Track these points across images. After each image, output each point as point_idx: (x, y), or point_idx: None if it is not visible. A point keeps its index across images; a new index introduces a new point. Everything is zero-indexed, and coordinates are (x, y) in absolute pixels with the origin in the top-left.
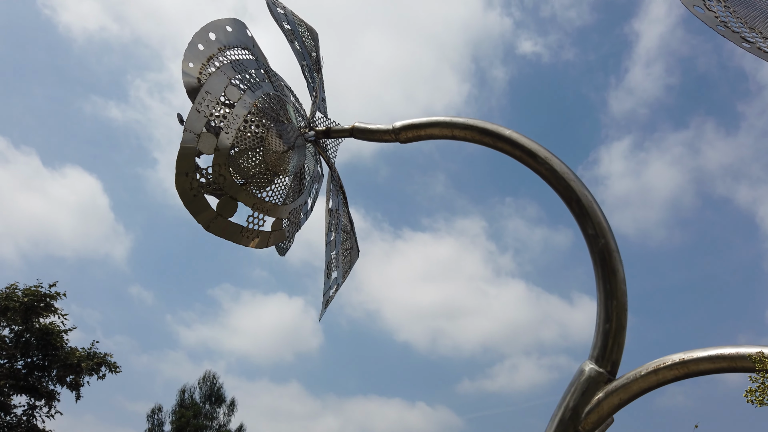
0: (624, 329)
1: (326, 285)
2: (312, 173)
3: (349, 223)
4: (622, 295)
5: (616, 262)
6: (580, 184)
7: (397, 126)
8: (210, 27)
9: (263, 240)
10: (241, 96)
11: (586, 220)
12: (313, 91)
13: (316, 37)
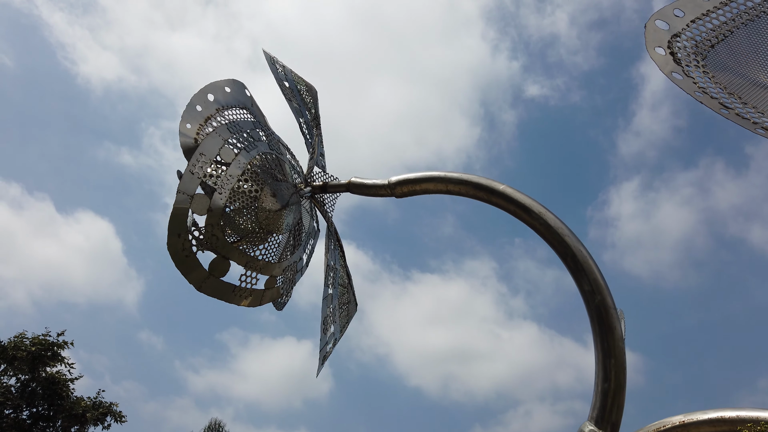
0: (623, 389)
1: (323, 340)
2: (308, 229)
3: (347, 276)
4: (620, 354)
5: (613, 319)
6: (575, 239)
7: (392, 181)
8: (209, 88)
9: (256, 298)
10: (236, 156)
11: (582, 276)
12: (310, 147)
13: (315, 94)
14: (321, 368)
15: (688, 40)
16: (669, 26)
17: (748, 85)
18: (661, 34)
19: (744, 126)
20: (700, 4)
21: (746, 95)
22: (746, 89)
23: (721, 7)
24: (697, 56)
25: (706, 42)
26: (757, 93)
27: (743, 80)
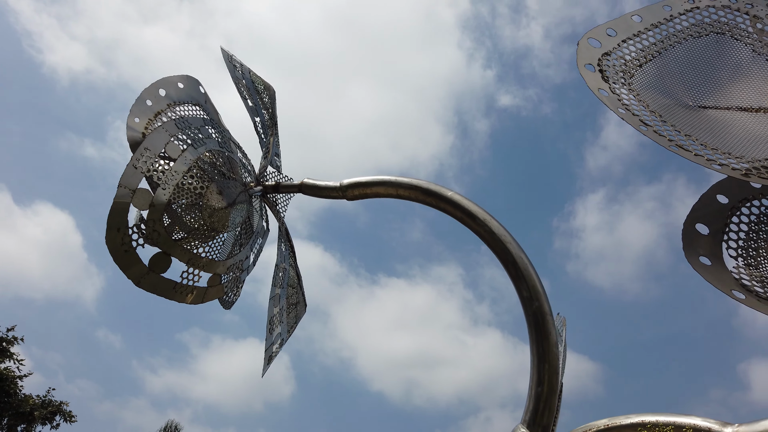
0: (555, 393)
1: (269, 341)
2: (257, 228)
3: (297, 277)
4: (554, 359)
5: (549, 326)
6: (517, 246)
7: (344, 184)
8: (161, 83)
9: (199, 295)
10: (183, 152)
11: (522, 283)
12: (265, 146)
13: (273, 94)
14: (266, 369)
15: (617, 59)
16: (601, 45)
17: (672, 104)
18: (593, 51)
19: (659, 143)
20: (632, 25)
21: (667, 114)
22: (669, 108)
23: (651, 29)
24: (624, 75)
25: (635, 62)
26: (678, 112)
27: (667, 99)
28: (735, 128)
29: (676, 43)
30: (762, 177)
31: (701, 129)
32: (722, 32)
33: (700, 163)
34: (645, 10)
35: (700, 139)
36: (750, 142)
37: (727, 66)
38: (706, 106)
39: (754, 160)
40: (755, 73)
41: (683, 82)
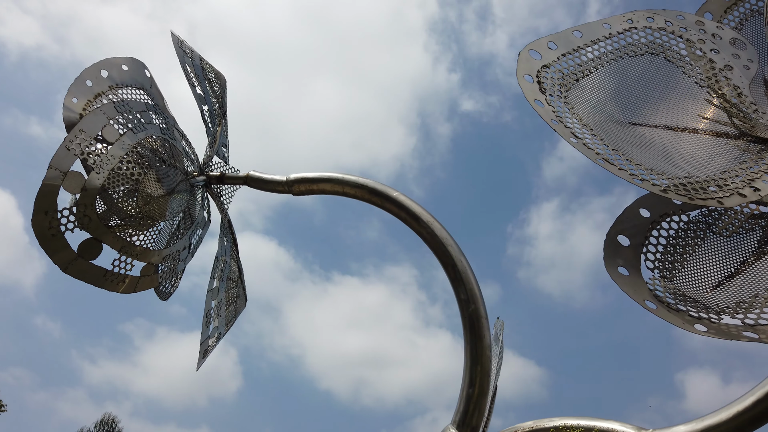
0: (486, 395)
1: (204, 334)
2: (197, 219)
3: (238, 271)
4: (486, 361)
5: (483, 329)
6: (458, 250)
7: (290, 178)
8: (103, 64)
9: (131, 285)
10: (121, 137)
11: (460, 285)
12: (212, 136)
13: (224, 84)
14: (202, 363)
15: (555, 72)
16: (541, 57)
17: (604, 119)
18: (533, 63)
19: (587, 155)
20: (572, 40)
21: (598, 128)
22: (600, 123)
23: (591, 45)
24: (561, 88)
25: (572, 76)
26: (608, 127)
27: (600, 114)
28: (660, 146)
29: (612, 60)
30: (679, 194)
31: (628, 144)
32: (656, 53)
33: (623, 178)
34: (585, 27)
35: (626, 154)
36: (672, 159)
37: (659, 86)
38: (636, 123)
39: (673, 177)
40: (683, 94)
41: (616, 98)
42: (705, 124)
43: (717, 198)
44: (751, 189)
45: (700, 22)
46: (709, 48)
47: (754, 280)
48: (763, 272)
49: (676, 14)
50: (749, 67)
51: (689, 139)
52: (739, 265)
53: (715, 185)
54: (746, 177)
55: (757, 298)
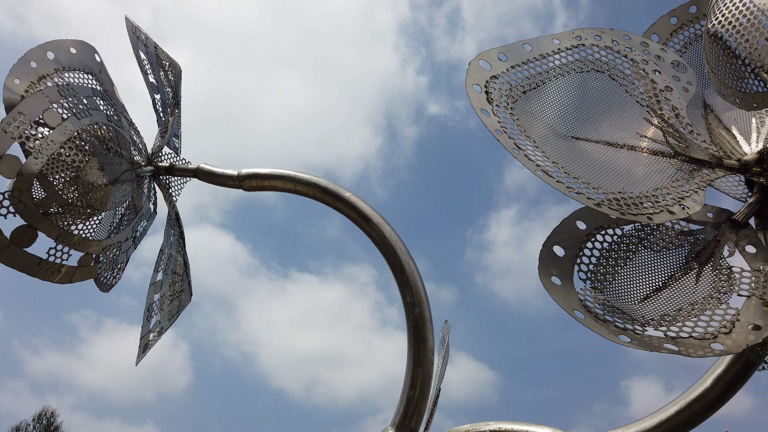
0: (426, 398)
1: (145, 328)
2: (142, 210)
3: (184, 265)
4: (428, 364)
5: (427, 332)
6: (407, 253)
7: (242, 173)
8: (49, 45)
9: (67, 275)
10: (63, 122)
11: (407, 288)
12: (163, 126)
13: (179, 73)
14: (141, 357)
15: (504, 83)
16: (491, 67)
17: (547, 132)
18: (483, 73)
19: (527, 167)
20: (522, 53)
21: (541, 141)
22: (544, 136)
23: (539, 59)
24: (508, 99)
25: (520, 88)
26: (551, 140)
27: (544, 127)
28: (599, 161)
29: (559, 75)
30: (612, 208)
31: (569, 158)
32: (602, 71)
33: (560, 190)
34: (535, 41)
35: (565, 167)
36: (609, 175)
37: (602, 102)
38: (578, 137)
39: (608, 192)
40: (625, 111)
41: (561, 112)
42: (643, 141)
43: (647, 214)
44: (680, 207)
45: (644, 43)
46: (652, 69)
47: (679, 295)
48: (688, 287)
49: (623, 34)
50: (688, 90)
51: (627, 156)
52: (666, 279)
53: (648, 202)
54: (677, 195)
55: (681, 312)
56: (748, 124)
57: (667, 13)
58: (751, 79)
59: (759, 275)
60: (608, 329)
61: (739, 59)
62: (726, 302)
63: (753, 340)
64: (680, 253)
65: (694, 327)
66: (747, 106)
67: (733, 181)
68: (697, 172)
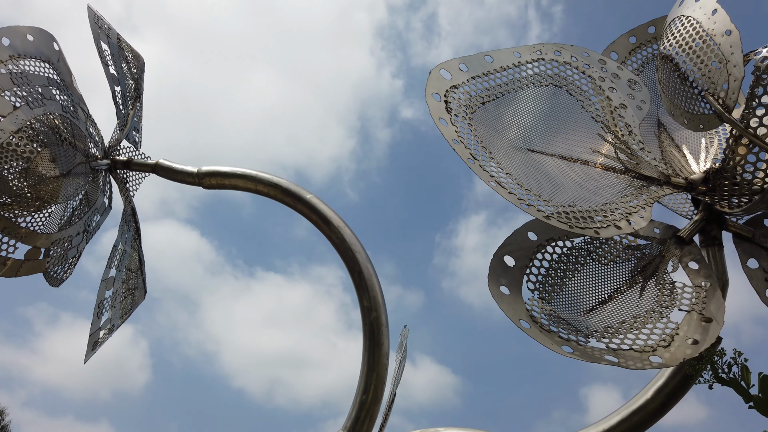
0: (379, 402)
1: (95, 325)
2: (96, 205)
3: (139, 261)
4: (383, 369)
5: (383, 337)
6: (366, 257)
7: (202, 171)
8: (4, 31)
9: (12, 268)
10: (15, 110)
11: (364, 293)
12: (123, 118)
13: (142, 66)
14: (90, 355)
15: (463, 93)
16: (451, 77)
17: (504, 144)
18: (443, 82)
19: (481, 177)
20: (483, 64)
21: (497, 152)
22: (500, 147)
23: (500, 71)
24: (467, 109)
25: (479, 99)
26: (507, 152)
27: (501, 139)
28: (552, 174)
29: (519, 88)
30: (560, 221)
31: (523, 170)
32: (560, 86)
33: (512, 202)
34: (497, 53)
35: (519, 179)
36: (561, 188)
37: (559, 116)
38: (534, 150)
39: (559, 205)
40: (580, 126)
41: (518, 124)
42: (596, 157)
43: (595, 228)
44: (626, 222)
45: (602, 60)
46: (608, 86)
47: (623, 308)
48: (632, 300)
49: (582, 51)
50: (642, 108)
51: (580, 170)
52: (612, 292)
53: (597, 216)
54: (625, 210)
55: (624, 324)
56: (698, 144)
57: (627, 32)
58: (699, 102)
59: (700, 291)
60: (552, 339)
61: (687, 81)
62: (667, 316)
63: (690, 354)
64: (626, 267)
65: (635, 339)
66: (694, 127)
67: (680, 199)
68: (646, 188)
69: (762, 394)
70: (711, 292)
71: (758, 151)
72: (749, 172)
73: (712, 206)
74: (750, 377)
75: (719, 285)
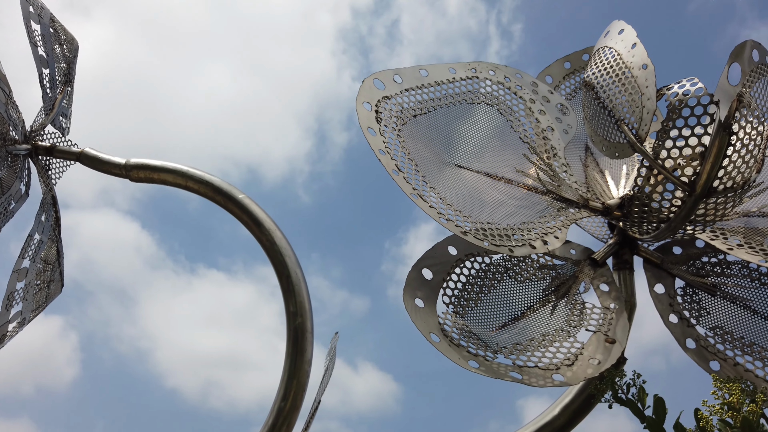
0: (298, 410)
1: (3, 318)
2: (12, 191)
3: (57, 253)
4: (303, 376)
5: (306, 343)
6: (295, 262)
7: (130, 163)
8: None
9: None
10: None
11: (291, 297)
12: (50, 102)
13: (76, 49)
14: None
15: (395, 105)
16: (385, 87)
17: (432, 157)
18: (376, 92)
19: (404, 189)
20: (418, 77)
21: (423, 165)
22: (427, 161)
23: (434, 85)
24: (397, 121)
25: (411, 111)
26: (433, 166)
27: (429, 153)
28: (476, 190)
29: (451, 104)
30: (477, 238)
31: (448, 185)
32: (492, 104)
33: (431, 216)
34: (432, 67)
35: (441, 193)
36: (482, 205)
37: (489, 134)
38: (461, 166)
39: (477, 222)
40: (508, 146)
41: (448, 139)
42: (520, 176)
43: (510, 246)
44: (541, 242)
45: (534, 83)
46: (538, 108)
47: (534, 325)
48: (543, 318)
49: (516, 72)
50: (568, 132)
51: (504, 189)
52: (525, 309)
53: (514, 234)
54: (541, 230)
55: (532, 342)
56: (620, 171)
57: (563, 57)
58: (615, 130)
59: (607, 312)
60: (460, 354)
61: (606, 110)
62: (574, 336)
63: (591, 373)
64: (541, 286)
65: (541, 357)
66: (610, 155)
67: (597, 222)
68: (565, 210)
69: (655, 416)
70: (618, 315)
71: (666, 181)
72: (657, 201)
73: (626, 231)
74: (646, 398)
75: (627, 308)
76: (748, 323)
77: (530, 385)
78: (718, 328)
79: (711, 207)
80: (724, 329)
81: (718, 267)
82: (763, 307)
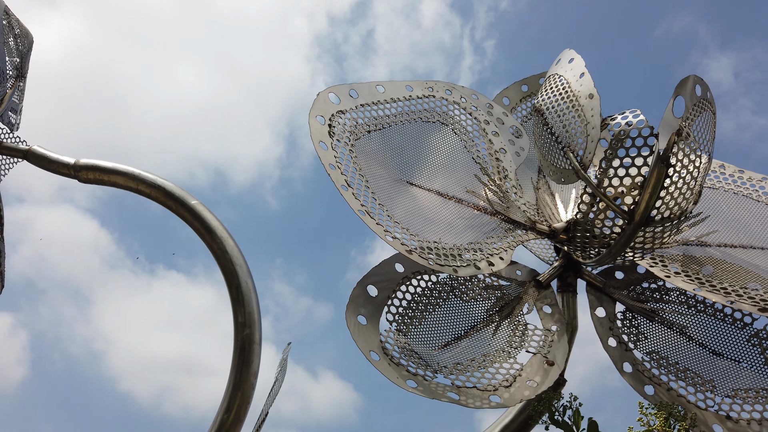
0: (241, 422)
1: None
2: None
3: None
4: (249, 388)
5: (254, 355)
6: (246, 272)
7: (80, 163)
8: None
9: None
10: None
11: (240, 307)
12: None
13: (31, 43)
14: None
15: (349, 120)
16: (340, 101)
17: (383, 174)
18: (330, 106)
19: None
20: (374, 93)
21: (373, 181)
22: (378, 177)
23: (390, 102)
24: (351, 136)
25: (365, 127)
26: (384, 183)
27: (382, 169)
28: (426, 209)
29: (406, 121)
30: (422, 257)
31: (397, 202)
32: (446, 123)
33: (377, 233)
34: (389, 84)
35: (390, 210)
36: (431, 223)
37: (442, 153)
38: (413, 183)
39: (424, 240)
40: (460, 166)
41: (401, 156)
42: (471, 197)
43: (454, 266)
44: (486, 263)
45: (490, 105)
46: (492, 130)
47: (476, 345)
48: (485, 339)
49: (472, 93)
50: (520, 154)
51: (453, 208)
52: (468, 329)
53: (459, 254)
54: (488, 251)
55: (473, 362)
56: (569, 194)
57: (520, 80)
58: (561, 156)
59: (549, 334)
60: (399, 373)
61: (553, 136)
62: (514, 357)
63: (527, 395)
64: (486, 306)
65: (480, 378)
66: (557, 180)
67: (544, 245)
68: (512, 232)
69: None
70: (558, 337)
71: (608, 209)
72: (599, 227)
73: (571, 255)
74: (581, 421)
75: (568, 331)
76: (684, 349)
77: (467, 407)
78: (654, 353)
79: (649, 235)
80: (660, 354)
81: (657, 293)
82: (699, 333)
